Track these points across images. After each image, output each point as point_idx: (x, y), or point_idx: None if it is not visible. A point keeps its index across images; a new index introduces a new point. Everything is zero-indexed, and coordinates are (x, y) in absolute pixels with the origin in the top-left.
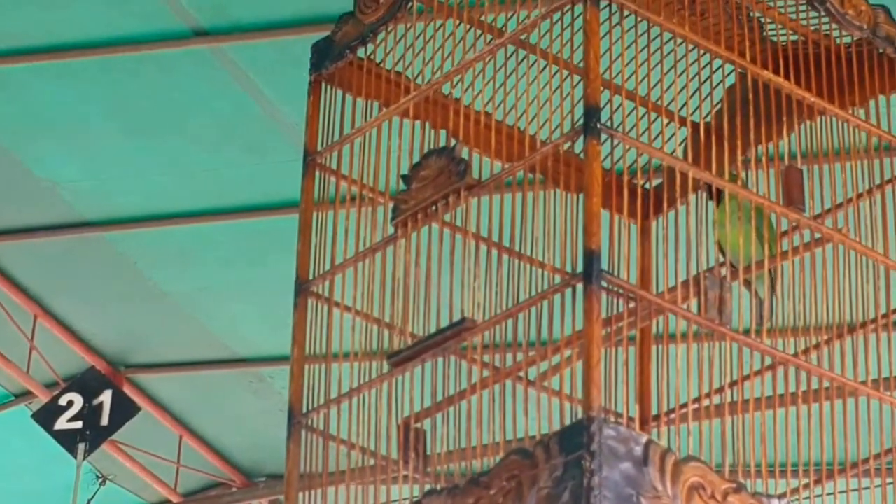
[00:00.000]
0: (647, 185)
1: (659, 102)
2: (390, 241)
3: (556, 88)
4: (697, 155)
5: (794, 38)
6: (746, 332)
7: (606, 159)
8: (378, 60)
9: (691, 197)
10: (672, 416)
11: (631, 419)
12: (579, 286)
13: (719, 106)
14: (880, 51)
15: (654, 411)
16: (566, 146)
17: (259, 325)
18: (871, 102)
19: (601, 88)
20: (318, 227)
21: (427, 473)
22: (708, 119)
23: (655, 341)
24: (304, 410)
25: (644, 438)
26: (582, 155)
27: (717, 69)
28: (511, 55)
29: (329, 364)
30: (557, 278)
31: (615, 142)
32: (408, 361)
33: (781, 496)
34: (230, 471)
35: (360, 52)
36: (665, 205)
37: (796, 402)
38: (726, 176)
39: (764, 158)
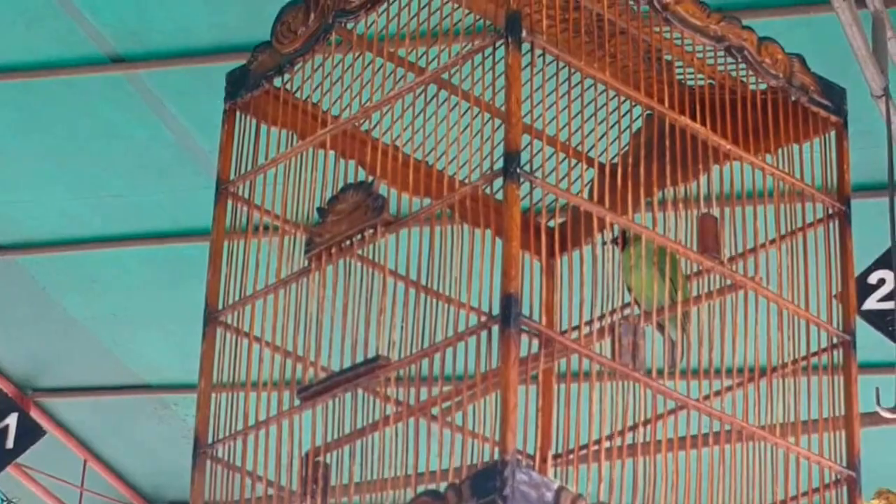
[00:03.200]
0: (552, 224)
1: (579, 148)
2: (303, 274)
3: (477, 132)
4: (607, 197)
5: (711, 82)
6: (659, 372)
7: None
8: (294, 91)
9: (604, 239)
10: (576, 455)
11: (536, 460)
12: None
13: (630, 144)
14: (794, 99)
15: (556, 451)
16: (483, 189)
17: (166, 352)
18: (784, 150)
19: (521, 136)
20: (231, 257)
21: None
22: (618, 157)
23: (561, 380)
24: (210, 440)
25: (556, 484)
26: (500, 196)
27: (630, 110)
28: (431, 98)
29: (237, 394)
30: (473, 317)
31: (532, 190)
32: (318, 396)
33: None
34: (133, 496)
35: (277, 82)
36: (574, 243)
37: (698, 446)
38: (638, 218)
39: (677, 201)
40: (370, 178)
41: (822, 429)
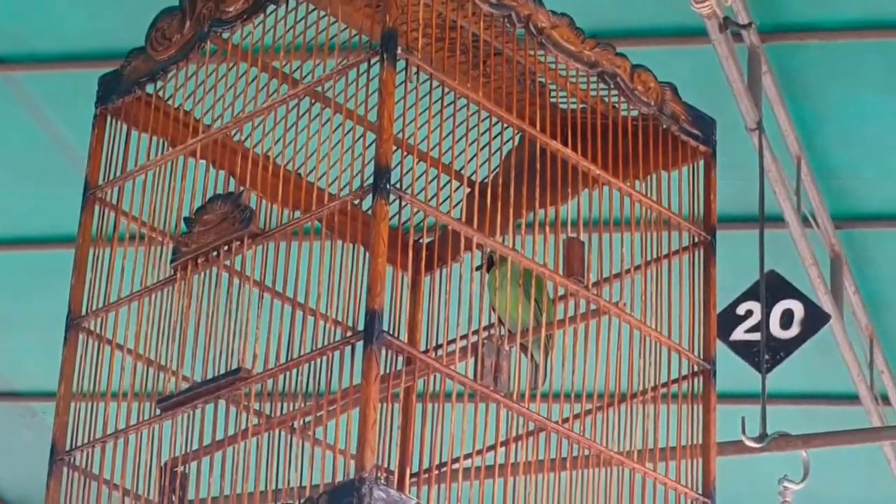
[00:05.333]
0: (421, 241)
1: (449, 164)
2: (168, 283)
3: (349, 148)
4: (477, 216)
5: (583, 107)
6: (521, 395)
7: (393, 218)
8: (167, 98)
9: (467, 256)
10: (435, 474)
11: (394, 477)
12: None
13: (502, 165)
14: (664, 127)
15: (415, 469)
16: (354, 200)
17: (35, 358)
18: (654, 177)
19: (392, 151)
20: (96, 263)
21: None
22: (490, 178)
23: (421, 399)
24: (68, 447)
25: (412, 502)
26: (370, 212)
27: (501, 131)
28: (305, 111)
29: (97, 402)
30: (338, 332)
31: (402, 207)
32: (179, 406)
33: None
34: None
35: (150, 89)
36: (442, 261)
37: (557, 469)
38: (506, 239)
39: (545, 224)
40: (239, 190)
41: (680, 455)
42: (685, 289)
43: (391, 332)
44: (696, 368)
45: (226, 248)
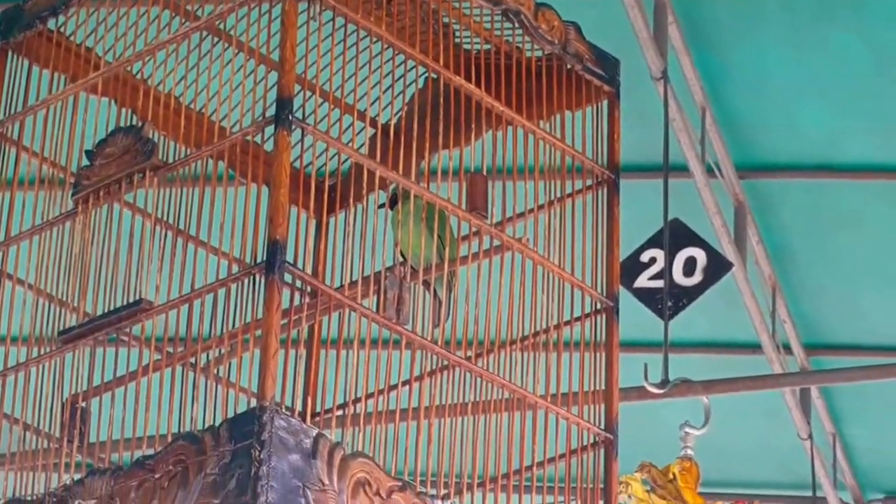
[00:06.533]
0: (327, 182)
1: (350, 101)
2: (69, 217)
3: (249, 74)
4: (382, 155)
5: (487, 47)
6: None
7: (295, 159)
8: (69, 34)
9: (372, 196)
10: (343, 412)
11: (301, 413)
12: (260, 276)
13: (407, 107)
14: (569, 67)
15: (325, 407)
16: (254, 138)
17: None
18: (557, 116)
19: (294, 83)
20: None
21: (91, 453)
22: (396, 119)
23: (328, 338)
24: None
25: (314, 432)
26: (270, 146)
27: (410, 70)
28: (207, 51)
29: None
30: (237, 268)
31: (303, 137)
32: (79, 339)
33: (445, 497)
34: None
35: (52, 24)
36: (348, 198)
37: (466, 407)
38: (411, 177)
39: (449, 163)
40: (140, 123)
41: (583, 392)
42: (589, 227)
43: (294, 265)
44: (599, 305)
45: (127, 181)
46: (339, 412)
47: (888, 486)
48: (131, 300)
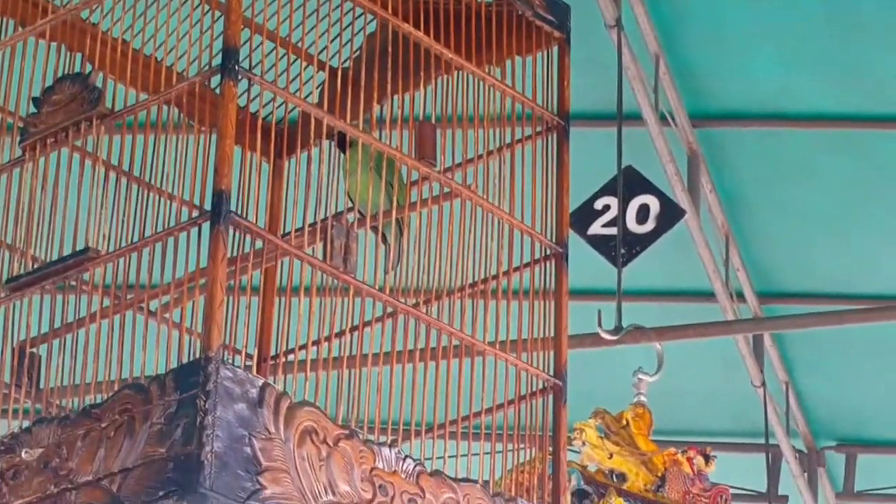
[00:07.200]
0: (280, 125)
1: (299, 45)
2: (17, 164)
3: (197, 23)
4: (332, 101)
5: None
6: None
7: (243, 96)
8: None
9: (324, 142)
10: (291, 360)
11: (249, 361)
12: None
13: (357, 53)
14: (519, 13)
15: (273, 355)
16: (202, 85)
17: None
18: (508, 63)
19: (242, 27)
20: None
21: (39, 401)
22: (345, 65)
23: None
24: None
25: (260, 381)
26: (218, 92)
27: (360, 16)
28: None
29: None
30: (187, 213)
31: (250, 86)
32: (27, 287)
33: (392, 444)
34: None
35: None
36: (298, 146)
37: (414, 354)
38: (359, 124)
39: (399, 111)
40: (88, 70)
41: (532, 338)
42: (539, 173)
43: (240, 214)
44: (548, 252)
45: (75, 128)
46: (286, 360)
47: (840, 434)
48: (79, 248)
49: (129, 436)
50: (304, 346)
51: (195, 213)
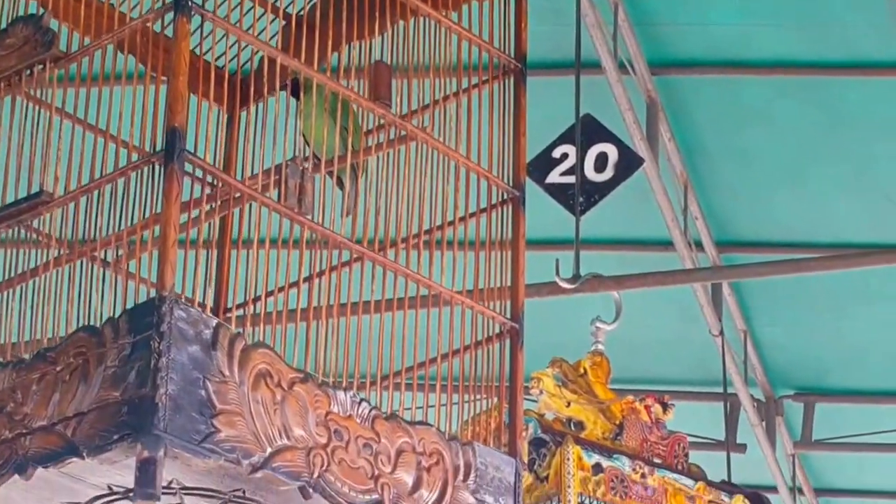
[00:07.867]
0: (232, 74)
1: None
2: None
3: None
4: (288, 45)
5: None
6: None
7: (197, 46)
8: None
9: (280, 88)
10: (250, 306)
11: (204, 305)
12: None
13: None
14: None
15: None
16: (157, 27)
17: None
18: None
19: None
20: None
21: None
22: (305, 10)
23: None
24: None
25: (214, 322)
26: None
27: None
28: None
29: None
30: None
31: (206, 28)
32: None
33: (348, 388)
34: None
35: None
36: (254, 94)
37: (372, 302)
38: (315, 68)
39: (357, 55)
40: (40, 13)
41: (488, 281)
42: (496, 116)
43: (194, 153)
44: (505, 196)
45: (27, 72)
46: (243, 309)
47: (798, 383)
48: (32, 191)
49: (83, 379)
50: (259, 298)
51: (148, 153)
